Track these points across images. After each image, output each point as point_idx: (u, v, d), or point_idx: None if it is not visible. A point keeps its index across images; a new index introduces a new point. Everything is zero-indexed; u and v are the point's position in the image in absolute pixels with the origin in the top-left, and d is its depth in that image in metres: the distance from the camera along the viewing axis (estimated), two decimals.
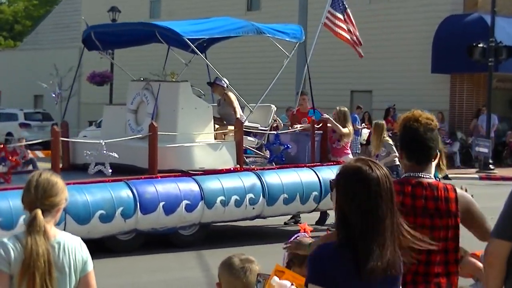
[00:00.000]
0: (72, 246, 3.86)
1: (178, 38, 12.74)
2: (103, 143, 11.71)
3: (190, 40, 12.72)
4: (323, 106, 20.93)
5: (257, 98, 13.60)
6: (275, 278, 3.88)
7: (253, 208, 12.33)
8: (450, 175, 20.55)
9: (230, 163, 12.60)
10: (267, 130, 13.96)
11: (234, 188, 12.10)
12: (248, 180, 12.31)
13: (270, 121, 14.22)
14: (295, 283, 3.89)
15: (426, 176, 4.30)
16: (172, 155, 12.21)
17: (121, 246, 11.61)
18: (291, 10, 27.04)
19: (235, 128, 12.86)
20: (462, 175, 23.29)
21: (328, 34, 16.47)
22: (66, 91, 14.29)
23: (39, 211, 3.79)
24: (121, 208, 11.03)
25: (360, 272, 3.17)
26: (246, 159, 13.31)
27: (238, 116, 13.15)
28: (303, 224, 4.86)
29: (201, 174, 12.08)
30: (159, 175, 11.78)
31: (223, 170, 12.34)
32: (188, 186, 11.75)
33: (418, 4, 29.80)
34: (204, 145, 12.55)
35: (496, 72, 26.36)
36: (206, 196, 11.79)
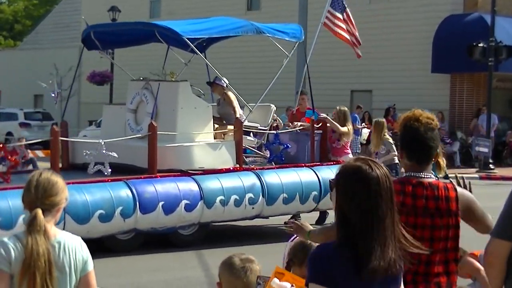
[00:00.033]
0: (73, 246, 3.86)
1: (178, 38, 12.73)
2: (103, 143, 11.70)
3: (190, 40, 12.70)
4: (323, 106, 20.97)
5: (257, 98, 13.58)
6: (275, 280, 3.88)
7: (253, 208, 12.32)
8: (451, 175, 20.51)
9: (230, 163, 12.59)
10: (267, 130, 13.95)
11: (234, 188, 12.09)
12: (248, 180, 12.30)
13: (270, 121, 14.21)
14: (295, 285, 3.88)
15: (427, 176, 4.30)
16: (172, 155, 12.20)
17: (121, 246, 11.60)
18: (291, 10, 27.04)
19: (235, 128, 12.85)
20: (462, 175, 23.19)
21: (328, 34, 16.46)
22: (66, 91, 14.29)
23: (39, 211, 3.79)
24: (121, 208, 11.02)
25: (362, 272, 3.16)
26: (246, 159, 13.30)
27: (238, 116, 13.14)
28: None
29: (201, 174, 12.07)
30: (159, 175, 11.77)
31: (223, 170, 12.33)
32: (188, 186, 11.74)
33: (418, 4, 29.79)
34: (204, 145, 12.54)
35: (496, 72, 26.35)
36: (206, 196, 11.78)
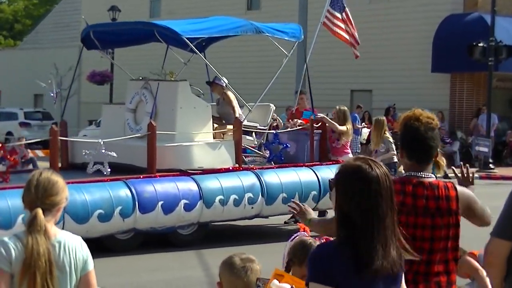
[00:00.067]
0: (73, 245, 3.86)
1: (177, 37, 12.71)
2: (102, 142, 11.70)
3: (189, 39, 12.69)
4: (323, 106, 20.99)
5: (256, 97, 13.58)
6: (275, 282, 3.87)
7: (252, 208, 12.31)
8: (451, 175, 20.50)
9: (229, 163, 12.58)
10: (266, 129, 13.94)
11: (233, 188, 12.08)
12: (247, 180, 12.29)
13: (269, 120, 14.21)
14: (295, 286, 3.87)
15: (427, 176, 4.29)
16: (171, 155, 12.19)
17: (120, 246, 11.59)
18: (291, 10, 27.03)
19: (234, 127, 12.84)
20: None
21: (328, 34, 16.45)
22: (66, 90, 14.27)
23: (40, 210, 3.78)
24: (120, 208, 11.01)
25: (363, 272, 3.16)
26: (245, 159, 13.29)
27: (237, 116, 13.13)
28: (303, 224, 4.87)
29: (200, 174, 12.06)
30: (158, 175, 11.76)
31: (222, 170, 12.32)
32: (187, 186, 11.73)
33: (418, 4, 29.79)
34: (203, 145, 12.53)
35: (496, 72, 26.35)
36: (205, 196, 11.77)
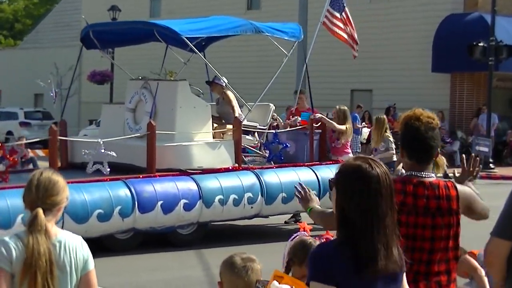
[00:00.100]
0: (73, 245, 3.86)
1: (177, 37, 12.71)
2: (101, 142, 11.69)
3: (189, 39, 12.68)
4: (323, 105, 20.97)
5: (256, 97, 13.58)
6: (275, 283, 3.87)
7: (252, 207, 12.30)
8: (451, 175, 20.49)
9: (229, 162, 12.57)
10: (266, 129, 13.93)
11: (233, 187, 12.08)
12: (247, 179, 12.28)
13: (269, 120, 14.20)
14: (295, 287, 3.86)
15: (428, 175, 4.28)
16: (171, 154, 12.18)
17: (119, 245, 11.58)
18: (291, 9, 27.02)
19: (234, 127, 12.84)
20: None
21: (328, 33, 16.44)
22: (66, 90, 14.27)
23: (40, 210, 3.78)
24: (119, 207, 11.01)
25: (365, 272, 3.16)
26: (245, 158, 13.28)
27: (237, 115, 13.12)
28: (303, 223, 4.89)
29: (200, 173, 12.05)
30: (157, 174, 11.75)
31: (222, 169, 12.32)
32: (187, 185, 11.72)
33: (418, 3, 29.78)
34: (203, 144, 12.52)
35: (497, 71, 26.33)
36: (205, 195, 11.76)
